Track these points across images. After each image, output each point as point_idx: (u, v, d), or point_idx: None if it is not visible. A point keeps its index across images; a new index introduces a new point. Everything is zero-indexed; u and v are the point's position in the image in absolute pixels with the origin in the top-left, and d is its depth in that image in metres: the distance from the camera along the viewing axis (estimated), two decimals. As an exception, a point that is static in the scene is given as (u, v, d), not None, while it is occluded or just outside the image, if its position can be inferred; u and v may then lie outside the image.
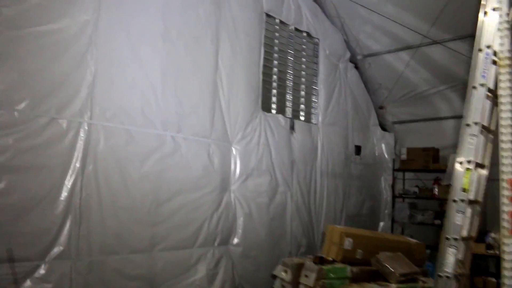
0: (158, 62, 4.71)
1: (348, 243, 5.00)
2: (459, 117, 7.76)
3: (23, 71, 3.77)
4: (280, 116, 6.47)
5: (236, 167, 5.64)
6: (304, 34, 7.12)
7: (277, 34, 6.57)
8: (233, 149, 5.63)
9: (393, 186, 8.64)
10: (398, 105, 8.68)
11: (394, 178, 8.62)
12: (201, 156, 5.16)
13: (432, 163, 7.94)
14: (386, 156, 8.80)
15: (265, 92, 6.28)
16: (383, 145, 8.79)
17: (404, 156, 8.33)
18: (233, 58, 5.62)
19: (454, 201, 3.50)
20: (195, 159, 5.08)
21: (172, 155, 4.82)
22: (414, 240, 5.82)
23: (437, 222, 7.78)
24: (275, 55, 6.54)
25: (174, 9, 4.87)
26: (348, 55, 8.00)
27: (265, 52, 6.23)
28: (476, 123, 3.85)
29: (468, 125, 3.93)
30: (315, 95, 7.34)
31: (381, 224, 8.61)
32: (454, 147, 7.94)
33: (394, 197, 8.54)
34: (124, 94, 4.42)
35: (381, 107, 8.88)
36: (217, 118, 5.39)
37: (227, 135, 5.53)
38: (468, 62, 6.55)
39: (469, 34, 6.89)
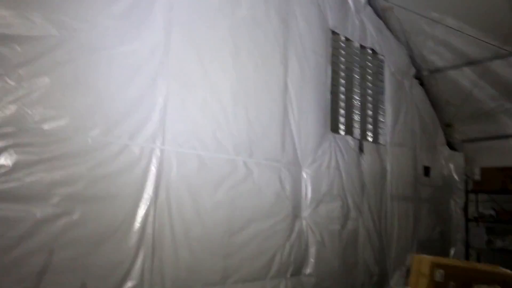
0: (229, 84, 4.49)
1: (439, 275, 4.49)
2: None
3: (97, 96, 3.62)
4: (349, 138, 6.11)
5: (308, 193, 5.30)
6: (369, 51, 6.78)
7: (342, 52, 6.26)
8: (304, 173, 5.30)
9: (465, 209, 8.02)
10: (466, 122, 8.12)
11: (467, 201, 7.99)
12: (273, 182, 4.86)
13: (510, 183, 7.29)
14: (455, 177, 8.19)
15: (333, 113, 5.95)
16: (451, 166, 8.21)
17: (477, 177, 7.71)
18: (302, 78, 5.35)
19: None
20: (267, 185, 4.79)
21: (244, 181, 4.54)
22: (509, 271, 5.23)
23: (521, 248, 7.13)
24: (342, 73, 6.22)
25: (243, 27, 4.67)
26: (413, 71, 7.58)
27: (332, 70, 5.93)
28: None
29: None
30: (382, 114, 6.94)
31: (452, 250, 7.97)
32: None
33: (467, 221, 7.90)
34: (196, 117, 4.21)
35: (448, 125, 8.34)
36: (288, 141, 5.10)
37: (297, 158, 5.22)
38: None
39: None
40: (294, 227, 5.07)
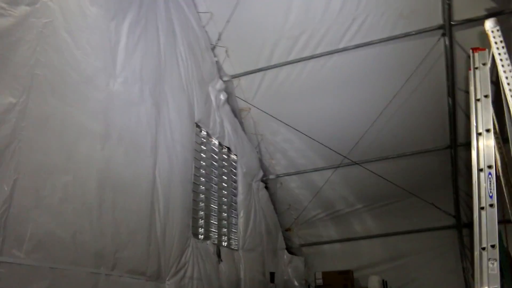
0: (95, 170, 3.49)
1: None
2: (372, 236, 7.93)
3: None
4: (209, 243, 5.46)
5: (170, 313, 4.32)
6: (225, 149, 6.51)
7: (203, 148, 5.81)
8: (167, 287, 4.35)
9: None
10: (305, 226, 8.31)
11: (312, 308, 7.88)
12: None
13: (351, 286, 7.48)
14: (295, 282, 8.10)
15: (193, 214, 5.27)
16: (290, 270, 8.13)
17: (320, 281, 7.73)
18: (170, 172, 4.63)
19: None
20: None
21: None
22: None
23: None
24: (202, 171, 5.70)
25: (117, 106, 3.84)
26: (261, 174, 7.55)
27: (195, 167, 5.37)
28: (493, 246, 3.54)
29: (484, 248, 3.60)
30: (235, 217, 6.53)
31: None
32: (370, 267, 7.80)
33: (312, 329, 7.71)
34: (52, 213, 3.05)
35: (287, 229, 8.41)
36: (153, 247, 4.17)
37: (161, 268, 4.28)
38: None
39: (384, 156, 7.17)
40: None
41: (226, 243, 6.13)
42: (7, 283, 2.59)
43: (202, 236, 5.44)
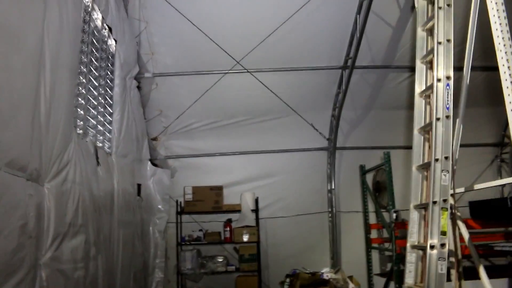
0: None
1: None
2: (246, 153, 7.54)
3: None
4: (88, 141, 4.29)
5: (50, 224, 3.18)
6: (106, 30, 5.13)
7: (87, 19, 4.39)
8: (47, 190, 3.17)
9: (177, 233, 7.25)
10: (174, 137, 7.50)
11: (179, 223, 7.27)
12: (18, 210, 2.62)
13: (222, 202, 7.10)
14: (158, 197, 7.36)
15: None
16: (152, 183, 7.33)
17: (189, 196, 7.14)
18: (60, 33, 3.28)
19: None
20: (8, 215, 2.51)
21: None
22: None
23: (231, 268, 6.97)
24: (84, 48, 4.33)
25: None
26: (136, 70, 6.32)
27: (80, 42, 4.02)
28: (446, 158, 3.37)
29: (437, 160, 3.39)
30: (109, 116, 5.34)
31: (156, 278, 7.03)
32: (241, 184, 7.49)
33: (178, 245, 7.17)
34: None
35: (153, 139, 7.46)
36: (36, 134, 2.91)
37: (42, 166, 3.07)
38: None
39: (277, 67, 6.68)
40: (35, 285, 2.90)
41: (101, 143, 4.99)
42: None
43: (82, 132, 4.23)
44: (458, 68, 3.68)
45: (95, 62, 4.74)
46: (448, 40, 3.63)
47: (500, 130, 7.94)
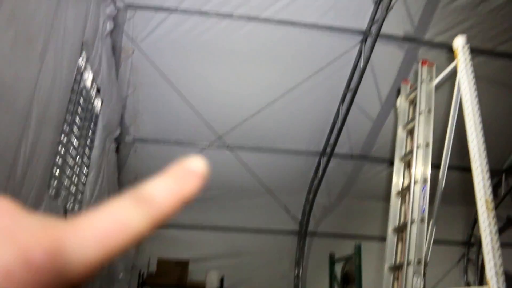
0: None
1: None
2: (215, 228, 7.35)
3: None
4: (59, 202, 4.14)
5: None
6: (94, 90, 5.16)
7: (77, 79, 4.42)
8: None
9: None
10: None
11: (134, 296, 6.88)
12: None
13: (186, 279, 6.79)
14: (120, 264, 7.00)
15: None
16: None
17: (153, 269, 6.82)
18: (49, 94, 3.25)
19: None
20: None
21: None
22: None
23: None
24: (70, 107, 4.31)
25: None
26: (117, 132, 6.29)
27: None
28: (419, 261, 3.36)
29: (409, 264, 3.38)
30: (85, 176, 5.22)
31: None
32: (207, 261, 7.24)
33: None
34: None
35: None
36: (10, 190, 2.79)
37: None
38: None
39: (259, 146, 6.75)
40: None
41: (71, 205, 4.82)
42: None
43: (54, 191, 4.09)
44: (436, 165, 3.79)
45: (79, 122, 4.71)
46: (427, 144, 3.77)
47: (468, 229, 8.06)
